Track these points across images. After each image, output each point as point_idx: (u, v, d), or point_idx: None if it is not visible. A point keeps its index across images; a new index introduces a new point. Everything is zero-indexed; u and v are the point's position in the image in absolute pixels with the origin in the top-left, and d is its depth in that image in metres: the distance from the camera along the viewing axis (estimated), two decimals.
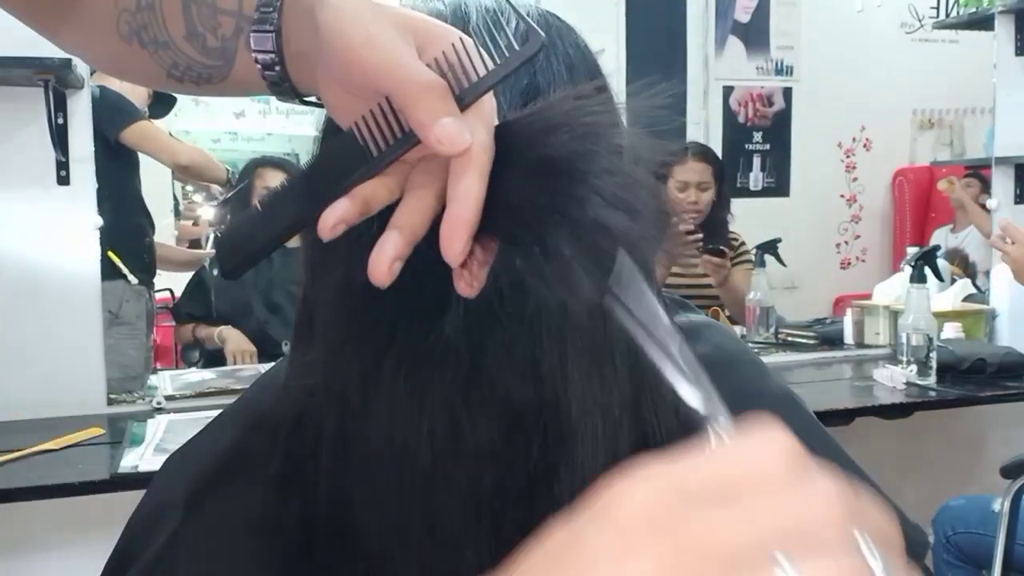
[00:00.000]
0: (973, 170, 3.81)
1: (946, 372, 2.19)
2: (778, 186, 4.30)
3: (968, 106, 4.43)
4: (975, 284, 2.90)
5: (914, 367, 2.17)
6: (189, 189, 4.24)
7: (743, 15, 4.17)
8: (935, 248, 2.75)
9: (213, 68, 0.52)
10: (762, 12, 4.18)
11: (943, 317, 2.39)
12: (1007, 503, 1.92)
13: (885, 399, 2.10)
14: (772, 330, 2.67)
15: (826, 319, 3.00)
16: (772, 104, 4.25)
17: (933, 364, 2.17)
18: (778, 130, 4.27)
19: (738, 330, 2.67)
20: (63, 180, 2.00)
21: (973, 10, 2.81)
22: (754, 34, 4.19)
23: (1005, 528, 1.92)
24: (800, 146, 4.30)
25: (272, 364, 0.64)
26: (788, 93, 4.26)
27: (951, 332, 2.37)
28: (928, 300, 2.22)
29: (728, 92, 4.18)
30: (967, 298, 2.68)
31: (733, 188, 3.80)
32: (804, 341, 2.68)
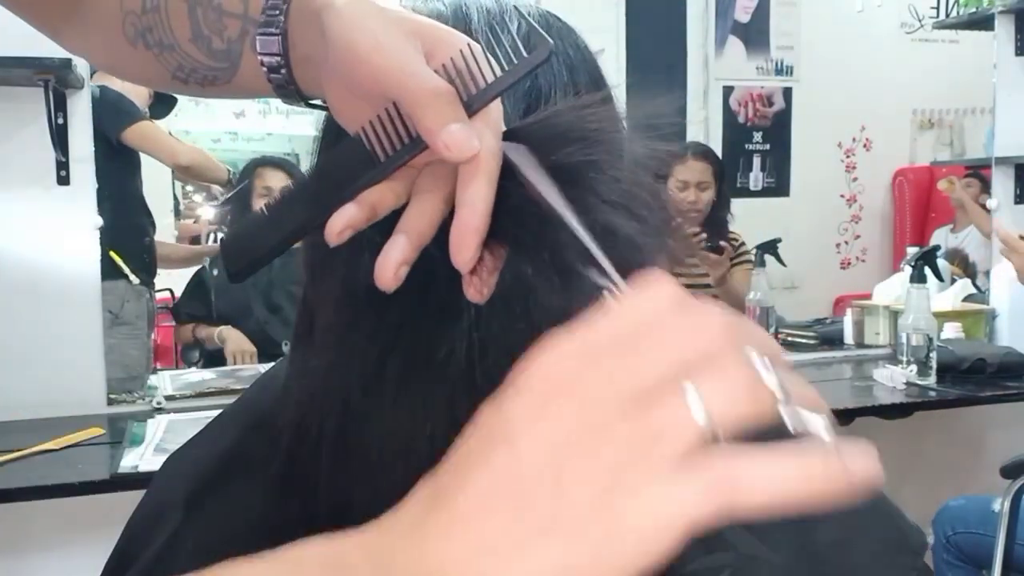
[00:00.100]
0: (973, 170, 3.81)
1: (946, 372, 2.19)
2: (778, 186, 4.30)
3: (968, 106, 4.43)
4: (975, 284, 2.90)
5: (914, 367, 2.17)
6: (189, 189, 4.24)
7: (743, 15, 4.17)
8: (935, 248, 2.75)
9: (218, 70, 0.52)
10: (762, 12, 4.18)
11: (943, 317, 2.39)
12: (1007, 503, 1.92)
13: (885, 399, 2.10)
14: (772, 330, 2.67)
15: (826, 319, 3.00)
16: (772, 104, 4.25)
17: (933, 364, 2.17)
18: (778, 130, 4.26)
19: None
20: (63, 180, 2.00)
21: (973, 10, 2.81)
22: (754, 34, 4.19)
23: (1005, 528, 1.92)
24: (800, 146, 4.30)
25: (272, 364, 0.64)
26: (788, 93, 4.26)
27: (951, 332, 2.36)
28: (928, 300, 2.22)
29: (728, 92, 4.18)
30: (967, 298, 2.68)
31: (733, 188, 3.80)
32: (804, 341, 2.68)
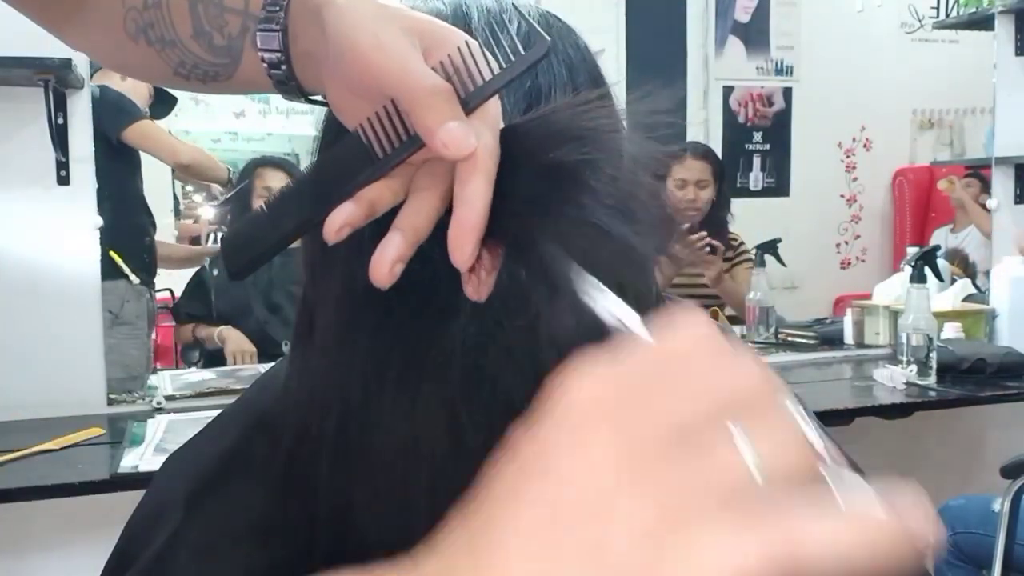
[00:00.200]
0: (973, 170, 3.81)
1: (946, 372, 2.19)
2: (778, 186, 4.30)
3: (968, 106, 4.43)
4: (975, 284, 2.89)
5: (914, 367, 2.17)
6: (189, 189, 4.24)
7: (743, 15, 4.17)
8: (935, 248, 2.75)
9: (219, 66, 0.52)
10: (762, 12, 4.18)
11: (943, 317, 2.39)
12: (1007, 503, 1.92)
13: (885, 399, 2.09)
14: (772, 330, 2.67)
15: (826, 319, 3.00)
16: (772, 104, 4.25)
17: (933, 364, 2.17)
18: (778, 130, 4.27)
19: (738, 330, 2.67)
20: (63, 180, 2.00)
21: (973, 10, 2.81)
22: (754, 34, 4.19)
23: (1005, 528, 1.92)
24: (800, 146, 4.30)
25: (272, 364, 0.64)
26: (788, 93, 4.26)
27: (951, 332, 2.36)
28: (928, 300, 2.22)
29: (728, 92, 4.19)
30: (967, 298, 2.68)
31: (733, 188, 3.80)
32: (804, 341, 2.68)
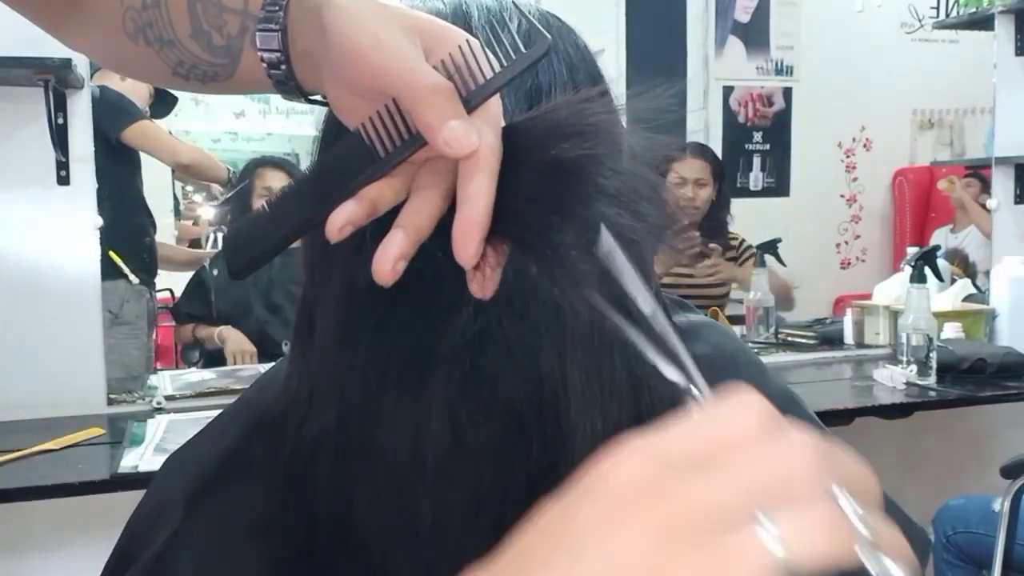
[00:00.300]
0: (973, 170, 3.81)
1: (946, 372, 2.19)
2: (778, 186, 4.30)
3: (968, 106, 4.43)
4: (975, 284, 2.89)
5: (914, 367, 2.17)
6: (189, 189, 4.24)
7: (743, 15, 4.17)
8: (935, 248, 2.75)
9: (218, 66, 0.52)
10: (762, 12, 4.18)
11: (943, 317, 2.39)
12: (1007, 503, 1.92)
13: (885, 399, 2.09)
14: (772, 330, 2.67)
15: (826, 319, 3.00)
16: (772, 104, 4.25)
17: (933, 364, 2.17)
18: (778, 130, 4.26)
19: (738, 330, 2.67)
20: (63, 180, 2.00)
21: (973, 10, 2.81)
22: (754, 34, 4.18)
23: (1005, 528, 1.92)
24: (800, 146, 4.30)
25: (272, 364, 0.64)
26: (788, 93, 4.26)
27: (951, 332, 2.36)
28: (928, 300, 2.22)
29: (728, 92, 4.18)
30: (967, 298, 2.68)
31: (733, 188, 3.80)
32: (804, 341, 2.68)
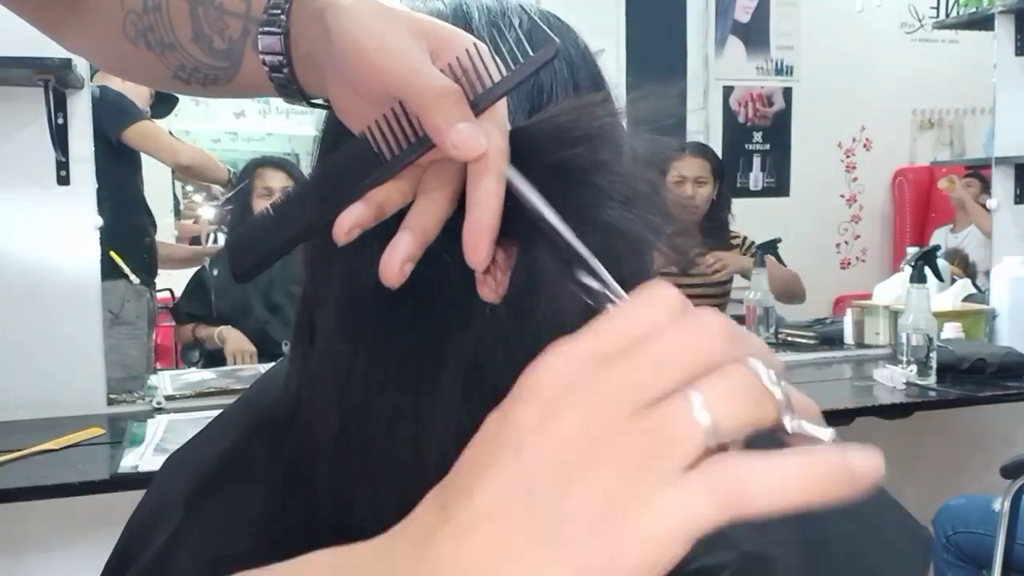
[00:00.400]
0: (973, 170, 3.81)
1: (946, 372, 2.19)
2: (778, 186, 4.30)
3: (968, 106, 4.43)
4: (975, 284, 2.90)
5: (914, 367, 2.17)
6: (189, 189, 4.24)
7: (743, 15, 4.17)
8: (935, 248, 2.75)
9: (220, 70, 0.51)
10: (762, 12, 4.18)
11: (943, 317, 2.39)
12: (1007, 503, 1.92)
13: (885, 399, 2.09)
14: (772, 330, 2.67)
15: (826, 319, 3.00)
16: (772, 104, 4.25)
17: (933, 364, 2.17)
18: (778, 130, 4.27)
19: None
20: (63, 180, 2.00)
21: (973, 10, 2.81)
22: (754, 34, 4.19)
23: (1005, 528, 1.92)
24: (800, 146, 4.30)
25: (272, 364, 0.64)
26: (788, 93, 4.26)
27: (951, 332, 2.36)
28: (928, 300, 2.22)
29: (728, 92, 4.19)
30: (967, 298, 2.68)
31: (733, 188, 3.80)
32: (804, 341, 2.68)
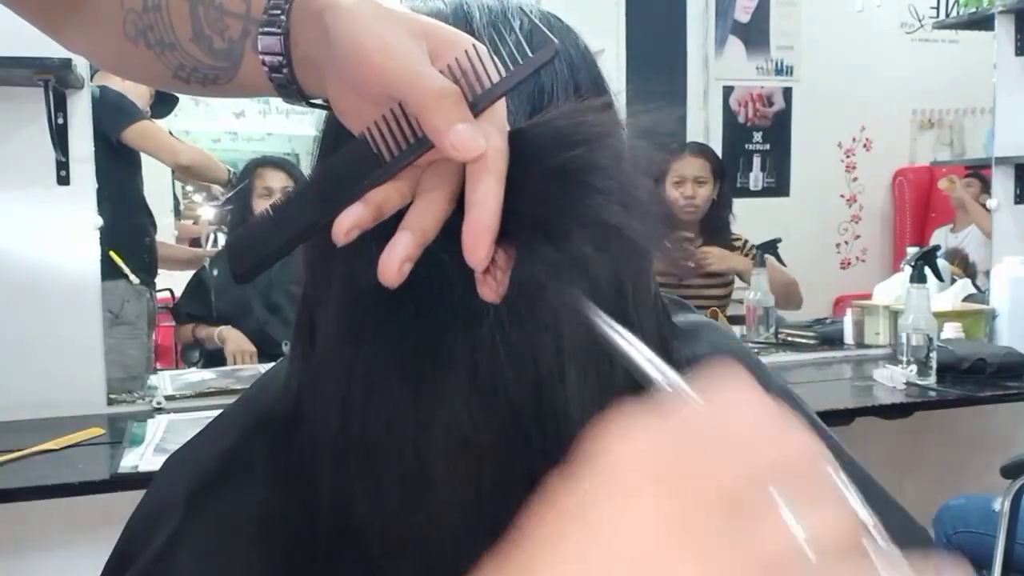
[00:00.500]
0: (973, 170, 3.81)
1: (946, 372, 2.19)
2: (778, 186, 4.30)
3: (968, 106, 4.43)
4: (975, 284, 2.90)
5: (914, 367, 2.17)
6: (189, 189, 4.24)
7: (743, 15, 4.17)
8: (935, 248, 2.75)
9: (219, 70, 0.51)
10: (762, 12, 4.18)
11: (943, 317, 2.39)
12: (1007, 503, 1.92)
13: (885, 399, 2.09)
14: (772, 330, 2.67)
15: (826, 319, 3.00)
16: (772, 104, 4.25)
17: (933, 364, 2.17)
18: (778, 130, 4.27)
19: (738, 330, 2.67)
20: (63, 180, 2.00)
21: (973, 10, 2.81)
22: (754, 34, 4.19)
23: (1005, 528, 1.92)
24: (800, 146, 4.30)
25: (272, 364, 0.64)
26: (788, 93, 4.26)
27: (951, 332, 2.36)
28: (928, 300, 2.22)
29: (728, 92, 4.18)
30: (967, 298, 2.68)
31: (733, 188, 3.80)
32: (804, 341, 2.68)
